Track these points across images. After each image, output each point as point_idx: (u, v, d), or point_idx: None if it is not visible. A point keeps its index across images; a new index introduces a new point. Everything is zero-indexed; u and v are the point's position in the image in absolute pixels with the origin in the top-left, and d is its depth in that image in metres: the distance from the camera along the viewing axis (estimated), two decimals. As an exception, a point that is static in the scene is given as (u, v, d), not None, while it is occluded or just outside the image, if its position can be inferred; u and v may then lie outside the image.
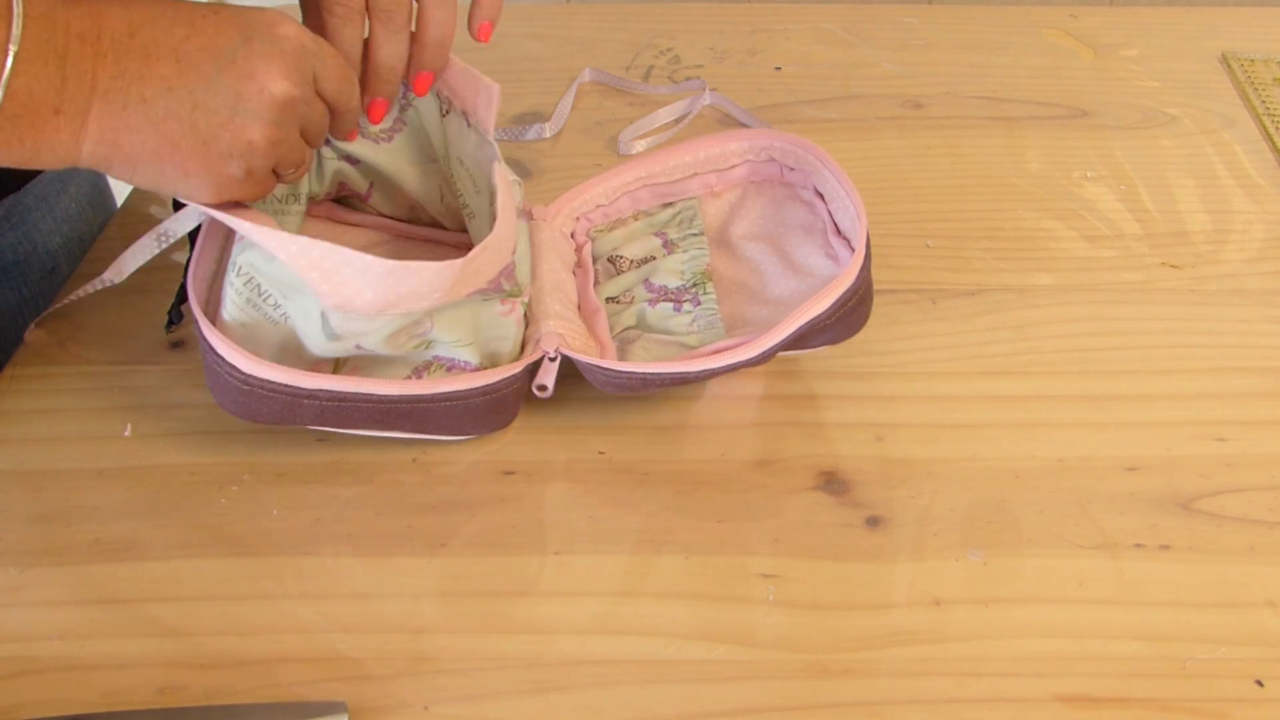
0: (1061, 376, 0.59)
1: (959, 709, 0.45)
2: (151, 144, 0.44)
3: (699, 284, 0.59)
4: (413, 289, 0.48)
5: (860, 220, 0.55)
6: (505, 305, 0.53)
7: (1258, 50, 0.87)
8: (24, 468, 0.54)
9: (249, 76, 0.44)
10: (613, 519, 0.52)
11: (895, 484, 0.53)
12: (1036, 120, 0.79)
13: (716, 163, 0.62)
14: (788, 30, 0.89)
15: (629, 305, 0.59)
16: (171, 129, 0.43)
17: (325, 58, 0.47)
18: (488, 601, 0.48)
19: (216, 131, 0.44)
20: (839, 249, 0.59)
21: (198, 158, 0.44)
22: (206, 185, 0.46)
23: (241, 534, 0.51)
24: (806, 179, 0.62)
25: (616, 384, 0.53)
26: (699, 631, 0.47)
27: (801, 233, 0.61)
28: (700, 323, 0.58)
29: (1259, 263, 0.67)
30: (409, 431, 0.53)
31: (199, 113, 0.43)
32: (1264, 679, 0.46)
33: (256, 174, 0.46)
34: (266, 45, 0.44)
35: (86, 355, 0.59)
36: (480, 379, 0.51)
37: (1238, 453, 0.55)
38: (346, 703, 0.44)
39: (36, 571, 0.49)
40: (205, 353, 0.50)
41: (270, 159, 0.46)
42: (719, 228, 0.63)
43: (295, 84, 0.45)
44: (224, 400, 0.51)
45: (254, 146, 0.45)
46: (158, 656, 0.46)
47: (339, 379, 0.50)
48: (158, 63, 0.43)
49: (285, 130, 0.46)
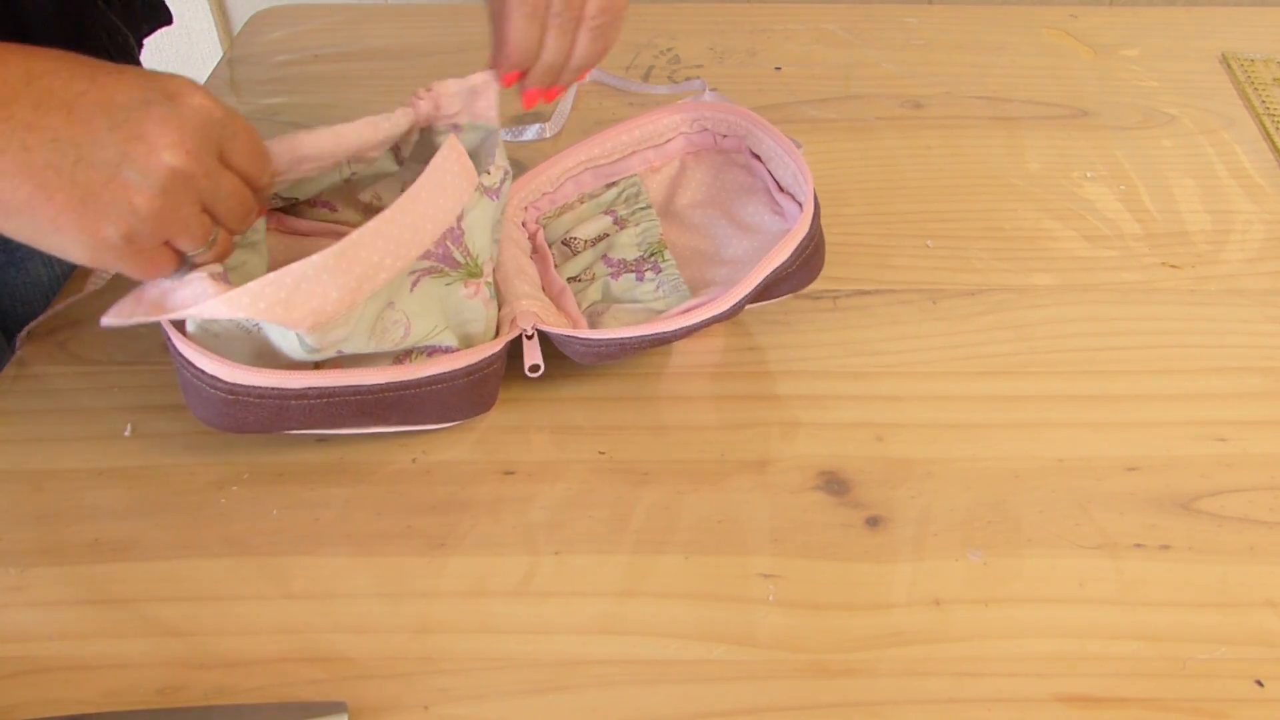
0: (1061, 376, 0.59)
1: (959, 709, 0.45)
2: (25, 192, 0.41)
3: (656, 253, 0.61)
4: (366, 261, 0.47)
5: (803, 172, 0.58)
6: (469, 288, 0.53)
7: (1258, 50, 0.87)
8: (24, 468, 0.54)
9: (139, 138, 0.42)
10: (613, 519, 0.52)
11: (895, 484, 0.53)
12: (1036, 120, 0.79)
13: (653, 139, 0.64)
14: (788, 30, 0.89)
15: (591, 281, 0.61)
16: (49, 179, 0.41)
17: (235, 130, 0.45)
18: (488, 601, 0.48)
19: (97, 189, 0.42)
20: (784, 204, 0.61)
21: (72, 212, 0.42)
22: (79, 243, 0.43)
23: (241, 534, 0.51)
24: (740, 144, 0.63)
25: (596, 353, 0.54)
26: (699, 631, 0.47)
27: (744, 194, 0.63)
28: (665, 288, 0.60)
29: (1259, 263, 0.67)
30: (395, 424, 0.53)
31: (80, 166, 0.41)
32: (1264, 679, 0.46)
33: (139, 243, 0.43)
34: (165, 110, 0.43)
35: (86, 355, 0.60)
36: (463, 359, 0.52)
37: (1238, 453, 0.55)
38: (346, 703, 0.44)
39: (36, 571, 0.49)
40: (182, 368, 0.49)
41: (156, 230, 0.43)
42: (663, 201, 0.65)
43: (191, 154, 0.43)
44: (207, 415, 0.50)
45: (136, 210, 0.42)
46: (158, 656, 0.46)
47: (325, 374, 0.49)
48: (48, 113, 0.41)
49: (174, 201, 0.43)
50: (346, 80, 0.83)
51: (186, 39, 1.20)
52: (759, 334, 0.61)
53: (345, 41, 0.88)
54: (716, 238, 0.62)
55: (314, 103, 0.80)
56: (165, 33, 0.74)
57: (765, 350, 0.60)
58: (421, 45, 0.87)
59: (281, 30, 0.90)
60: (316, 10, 0.92)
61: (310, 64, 0.85)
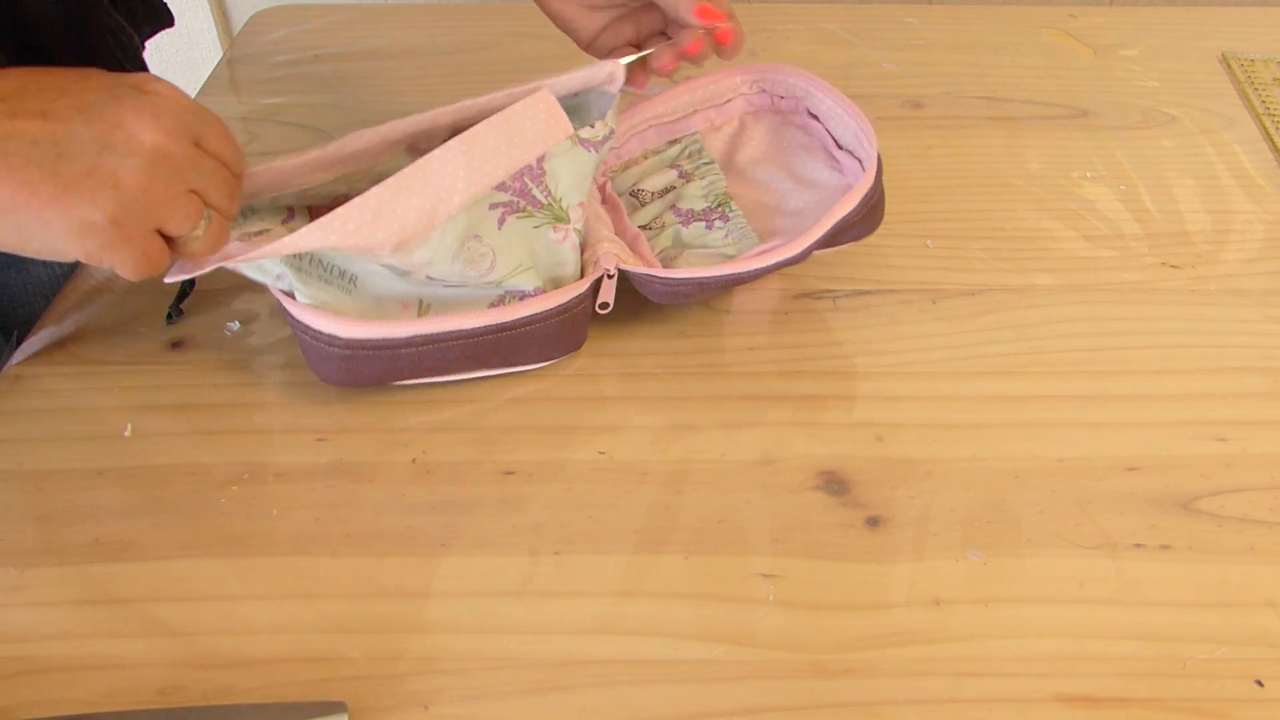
0: (1061, 376, 0.59)
1: (959, 709, 0.45)
2: (7, 195, 0.42)
3: (723, 203, 0.63)
4: (438, 185, 0.50)
5: (865, 128, 0.60)
6: (558, 233, 0.55)
7: (1258, 50, 0.87)
8: (24, 468, 0.54)
9: (117, 126, 0.43)
10: (613, 519, 0.52)
11: (895, 484, 0.53)
12: (1036, 120, 0.79)
13: (714, 99, 0.67)
14: (788, 30, 0.89)
15: (662, 230, 0.63)
16: (30, 176, 0.42)
17: (205, 118, 0.46)
18: (488, 601, 0.48)
19: (80, 177, 0.42)
20: (843, 160, 0.63)
21: (56, 203, 0.42)
22: (67, 235, 0.43)
23: (241, 534, 0.51)
24: (798, 104, 0.66)
25: (675, 292, 0.57)
26: (699, 631, 0.47)
27: (803, 152, 0.66)
28: (734, 235, 0.62)
29: (1259, 263, 0.67)
30: (498, 366, 0.56)
31: (61, 161, 0.42)
32: (1264, 679, 0.46)
33: (128, 226, 0.44)
34: (138, 100, 0.44)
35: (86, 355, 0.59)
36: (554, 299, 0.55)
37: (1238, 453, 0.55)
38: (346, 703, 0.44)
39: (36, 571, 0.49)
40: (301, 333, 0.53)
41: (144, 210, 0.44)
42: (724, 157, 0.67)
43: (169, 135, 0.44)
44: (327, 372, 0.54)
45: (122, 190, 0.43)
46: (158, 656, 0.46)
47: (428, 321, 0.53)
48: (25, 120, 0.42)
49: (161, 181, 0.44)
50: (346, 80, 0.83)
51: (186, 39, 1.20)
52: (759, 334, 0.61)
53: (345, 41, 0.88)
54: (779, 191, 0.65)
55: (314, 103, 0.80)
56: (165, 33, 0.74)
57: (765, 350, 0.60)
58: (421, 45, 0.87)
59: (281, 30, 0.90)
60: (316, 10, 0.92)
61: (310, 64, 0.85)
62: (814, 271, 0.65)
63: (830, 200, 0.60)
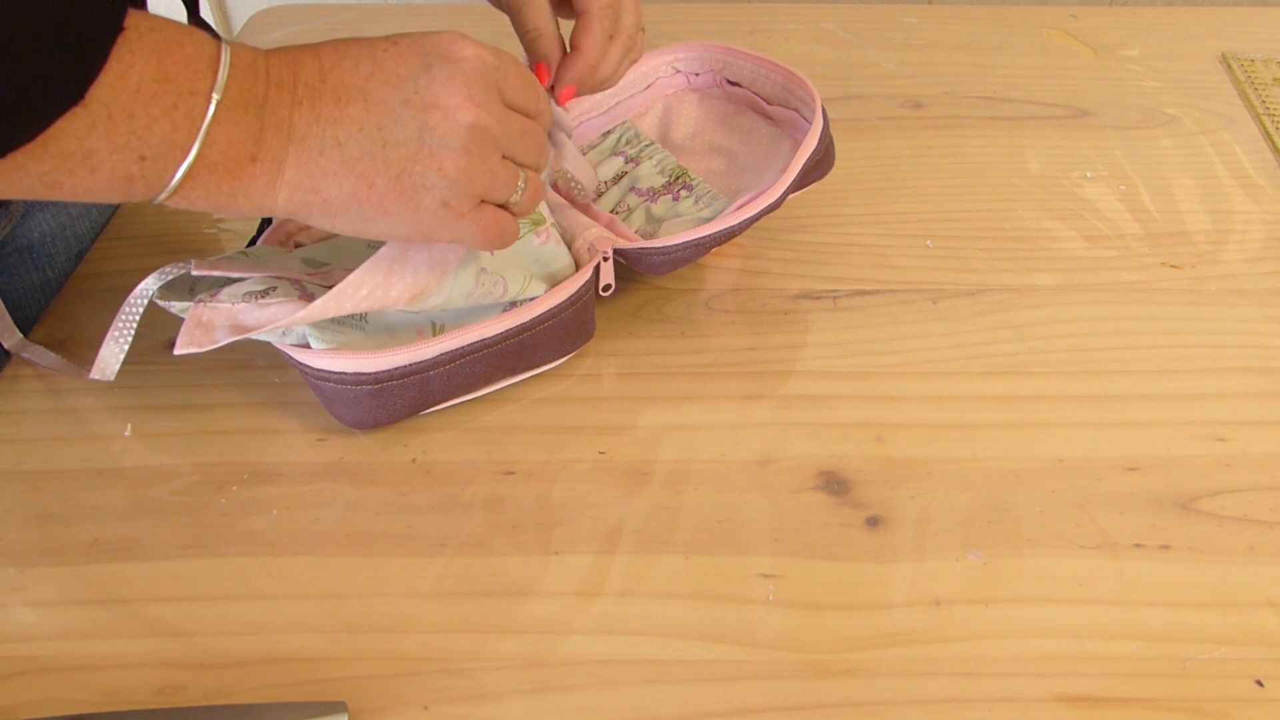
0: (1061, 376, 0.59)
1: (959, 709, 0.45)
2: (349, 187, 0.43)
3: (680, 175, 0.65)
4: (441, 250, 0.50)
5: (791, 76, 0.64)
6: (539, 236, 0.55)
7: (1258, 50, 0.87)
8: (24, 468, 0.54)
9: (433, 105, 0.44)
10: (613, 519, 0.52)
11: (895, 484, 0.53)
12: (1036, 120, 0.79)
13: (633, 86, 0.69)
14: (788, 30, 0.89)
15: (630, 212, 0.64)
16: (366, 168, 0.43)
17: (505, 68, 0.46)
18: (488, 601, 0.48)
19: (407, 165, 0.44)
20: (775, 113, 0.66)
21: (395, 194, 0.44)
22: (406, 221, 0.45)
23: (241, 534, 0.51)
24: (713, 78, 0.69)
25: (672, 260, 0.58)
26: (699, 631, 0.47)
27: (735, 115, 0.69)
28: (704, 200, 0.64)
29: (1259, 263, 0.67)
30: (522, 371, 0.57)
31: (390, 148, 0.43)
32: (1264, 679, 0.46)
33: (457, 206, 0.45)
34: (446, 70, 0.44)
35: (87, 355, 0.59)
36: (564, 291, 0.55)
37: (1238, 453, 0.55)
38: (346, 703, 0.44)
39: (36, 571, 0.49)
40: (323, 381, 0.52)
41: (468, 188, 0.45)
42: (660, 138, 0.70)
43: (481, 106, 0.44)
44: (358, 415, 0.53)
45: (446, 174, 0.44)
46: (158, 656, 0.46)
47: (450, 336, 0.52)
48: (348, 105, 0.43)
49: (480, 157, 0.45)
50: (346, 80, 0.83)
51: (186, 39, 1.20)
52: (759, 334, 0.61)
53: (345, 41, 0.88)
54: (726, 154, 0.67)
55: (314, 103, 0.80)
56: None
57: (765, 350, 0.60)
58: (421, 45, 0.87)
59: (281, 30, 0.90)
60: (316, 10, 0.92)
61: (310, 64, 0.85)
62: (814, 271, 0.65)
63: (778, 149, 0.63)
